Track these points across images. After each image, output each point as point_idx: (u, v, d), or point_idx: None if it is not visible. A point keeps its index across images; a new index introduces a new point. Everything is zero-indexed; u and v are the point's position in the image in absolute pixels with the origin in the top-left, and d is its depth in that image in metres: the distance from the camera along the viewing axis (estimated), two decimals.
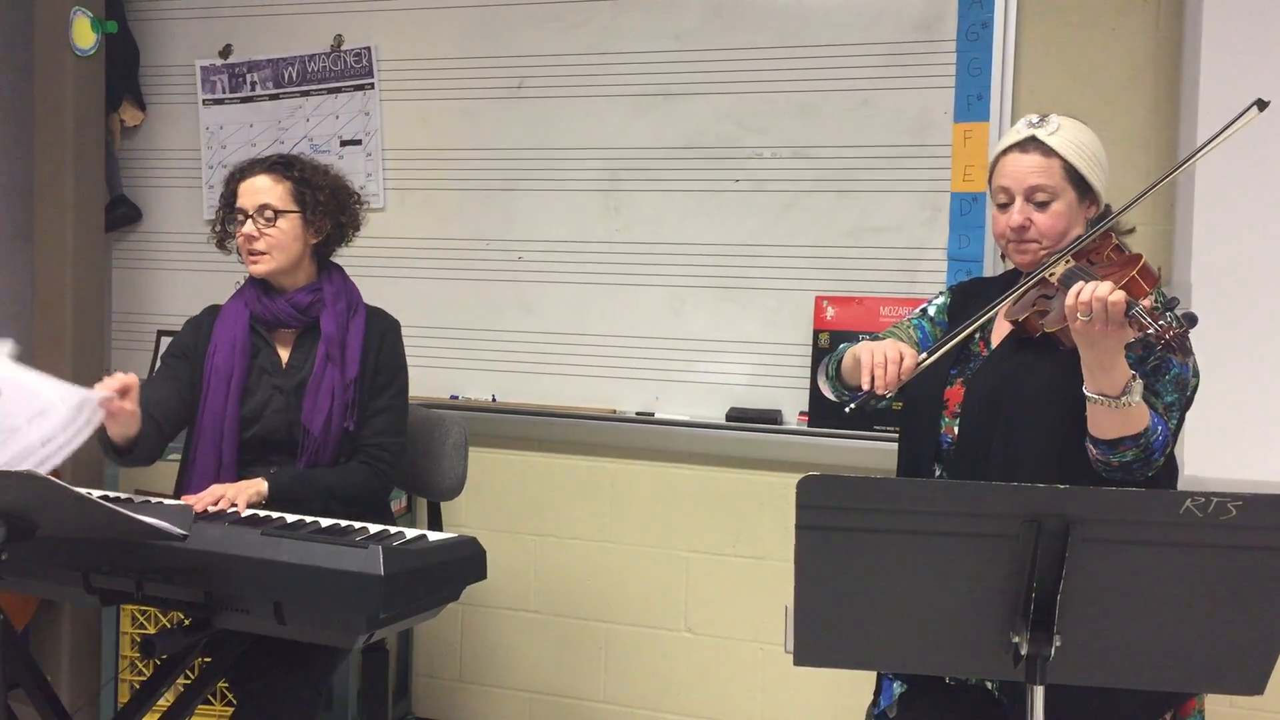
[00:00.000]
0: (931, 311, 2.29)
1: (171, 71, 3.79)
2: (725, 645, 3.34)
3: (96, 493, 2.28)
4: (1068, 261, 2.02)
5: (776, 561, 3.24)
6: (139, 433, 2.42)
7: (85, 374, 3.63)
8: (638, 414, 3.34)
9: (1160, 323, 1.79)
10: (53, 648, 3.61)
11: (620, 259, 3.34)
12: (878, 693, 2.21)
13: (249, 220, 2.56)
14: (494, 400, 3.47)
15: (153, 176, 3.83)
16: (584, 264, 3.38)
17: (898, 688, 2.15)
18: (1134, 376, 1.89)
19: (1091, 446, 1.95)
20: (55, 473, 2.00)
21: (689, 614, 3.38)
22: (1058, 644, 1.60)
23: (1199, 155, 2.06)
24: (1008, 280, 2.23)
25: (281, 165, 2.62)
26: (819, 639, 1.71)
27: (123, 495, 2.47)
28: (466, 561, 2.31)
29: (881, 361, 2.00)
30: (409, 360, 2.73)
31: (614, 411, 3.36)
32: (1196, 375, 2.07)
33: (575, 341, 3.39)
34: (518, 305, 3.45)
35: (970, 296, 2.24)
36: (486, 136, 3.46)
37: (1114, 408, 1.88)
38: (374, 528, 2.28)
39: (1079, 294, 1.83)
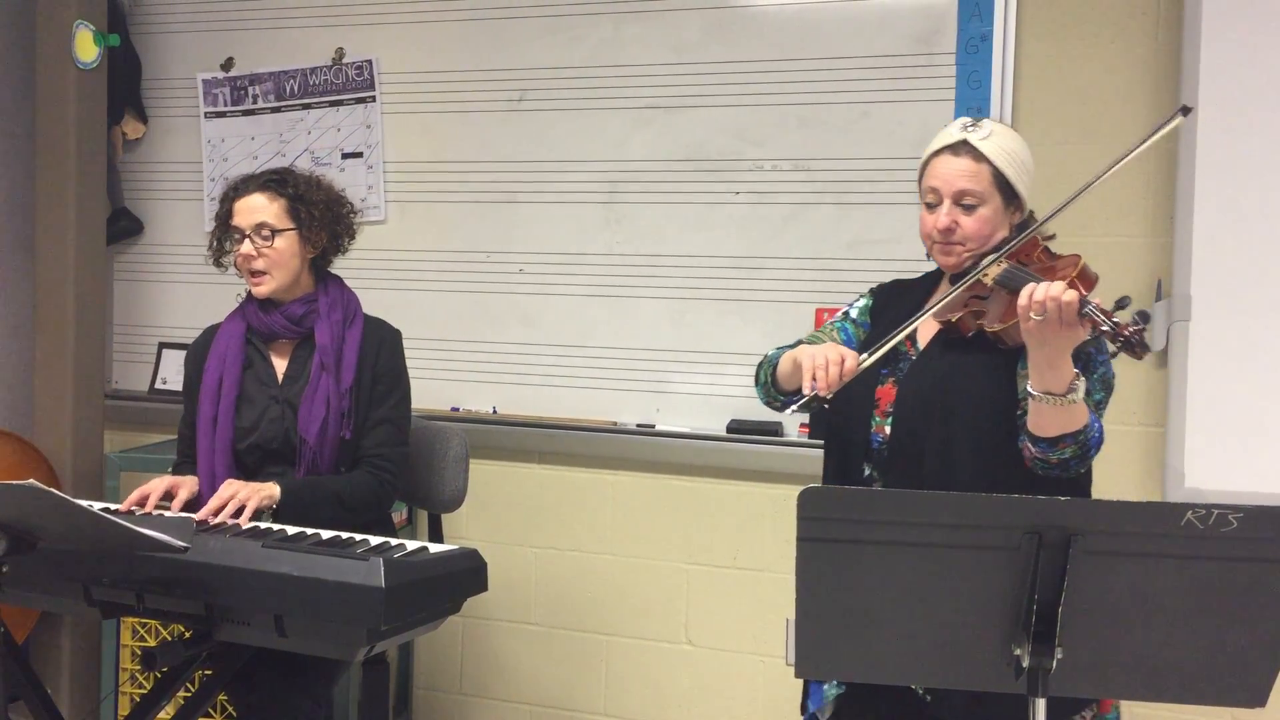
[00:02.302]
0: (854, 314, 2.30)
1: (173, 84, 3.80)
2: (726, 658, 3.33)
3: (97, 505, 2.29)
4: (1001, 263, 2.04)
5: (777, 574, 3.24)
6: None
7: (87, 386, 3.64)
8: (638, 426, 3.34)
9: (1115, 320, 1.81)
10: (53, 660, 3.61)
11: (621, 271, 3.35)
12: (805, 696, 2.21)
13: (247, 240, 2.57)
14: (495, 412, 3.47)
15: (154, 189, 3.84)
16: (585, 276, 3.38)
17: (829, 689, 2.16)
18: (1077, 375, 1.91)
19: (1030, 445, 1.96)
20: (56, 485, 2.01)
21: (689, 626, 3.37)
22: (1059, 656, 1.60)
23: (1122, 163, 2.10)
24: (929, 281, 2.25)
25: (275, 182, 2.62)
26: (820, 651, 1.71)
27: (120, 506, 2.47)
28: (467, 574, 2.31)
29: (823, 364, 2.00)
30: (410, 371, 2.73)
31: (614, 423, 3.36)
32: (1113, 376, 2.11)
33: (576, 353, 3.40)
34: (518, 317, 3.45)
35: (891, 298, 2.27)
36: (487, 149, 3.46)
37: (1058, 405, 1.89)
38: (375, 540, 2.27)
39: (1033, 294, 1.85)
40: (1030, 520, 1.56)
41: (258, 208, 2.58)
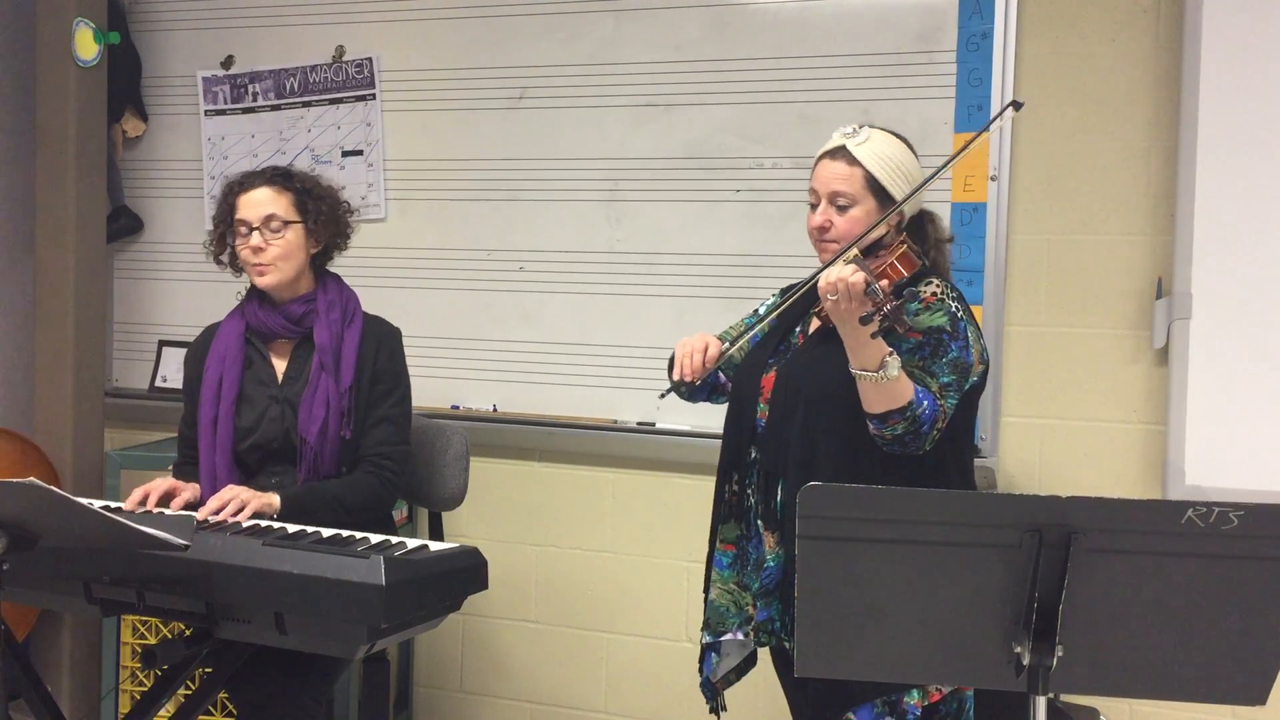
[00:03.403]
0: (762, 310, 2.44)
1: (173, 82, 3.80)
2: None
3: (98, 503, 2.28)
4: (852, 255, 2.15)
5: None
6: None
7: (87, 384, 3.64)
8: (639, 424, 3.34)
9: (892, 300, 1.95)
10: (54, 658, 3.61)
11: (622, 269, 3.35)
12: (702, 661, 2.42)
13: (255, 232, 2.57)
14: (495, 410, 3.47)
15: (155, 187, 3.84)
16: (585, 274, 3.38)
17: (716, 659, 2.40)
18: (890, 353, 2.03)
19: (869, 422, 2.09)
20: (57, 483, 2.02)
21: (690, 624, 3.37)
22: (1060, 654, 1.60)
23: (955, 159, 2.28)
24: None
25: (282, 177, 2.63)
26: (821, 648, 1.71)
27: (124, 506, 2.47)
28: (467, 571, 2.32)
29: (688, 352, 2.24)
30: (410, 369, 2.73)
31: (615, 421, 3.36)
32: (985, 363, 2.23)
33: (577, 351, 3.40)
34: (519, 315, 3.45)
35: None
36: (488, 147, 3.46)
37: (875, 382, 2.03)
38: (375, 538, 2.28)
39: (827, 277, 2.00)
40: (1031, 518, 1.56)
41: (265, 200, 2.59)
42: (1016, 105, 2.20)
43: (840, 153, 2.24)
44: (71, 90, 3.57)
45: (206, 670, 2.39)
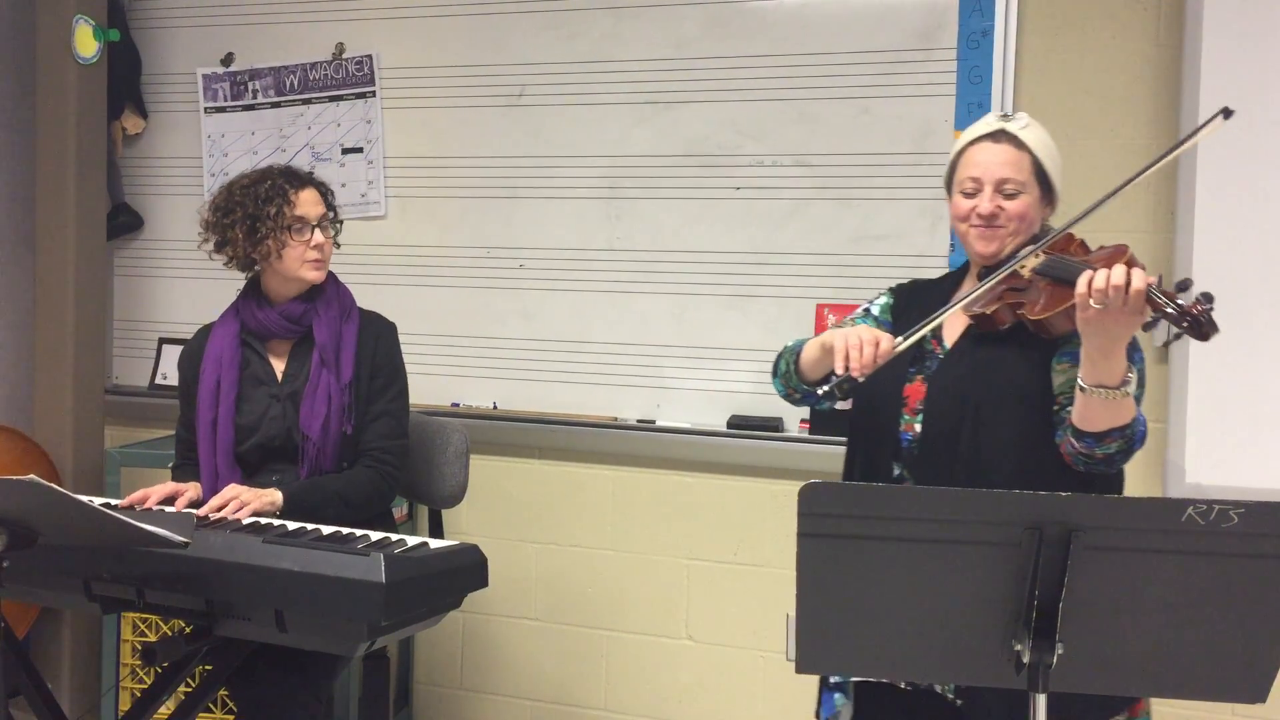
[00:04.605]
0: (875, 311, 2.24)
1: (173, 79, 3.80)
2: (727, 653, 3.34)
3: (98, 501, 2.28)
4: (1039, 255, 2.01)
5: (778, 569, 3.24)
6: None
7: (87, 381, 3.64)
8: (639, 421, 3.34)
9: (1179, 302, 1.75)
10: (54, 655, 3.61)
11: (621, 267, 3.35)
12: (819, 703, 2.18)
13: (317, 229, 2.58)
14: (495, 408, 3.47)
15: (154, 184, 3.84)
16: (585, 272, 3.38)
17: (839, 699, 2.13)
18: (1130, 367, 1.86)
19: (1074, 439, 1.92)
20: (57, 481, 2.02)
21: (690, 622, 3.37)
22: (1060, 652, 1.60)
23: (1159, 163, 2.06)
24: (950, 281, 2.22)
25: (316, 181, 2.66)
26: (821, 647, 1.71)
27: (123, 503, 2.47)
28: (468, 569, 2.32)
29: (857, 344, 1.93)
30: (411, 367, 2.73)
31: (615, 419, 3.37)
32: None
33: (577, 349, 3.40)
34: (519, 313, 3.45)
35: (914, 297, 2.23)
36: (488, 144, 3.46)
37: (1109, 399, 1.85)
38: (375, 535, 2.28)
39: (1092, 281, 1.79)
40: (1031, 516, 1.56)
41: (318, 200, 2.62)
42: (1227, 113, 1.95)
43: (1002, 136, 2.08)
44: (71, 88, 3.57)
45: (206, 667, 2.39)
